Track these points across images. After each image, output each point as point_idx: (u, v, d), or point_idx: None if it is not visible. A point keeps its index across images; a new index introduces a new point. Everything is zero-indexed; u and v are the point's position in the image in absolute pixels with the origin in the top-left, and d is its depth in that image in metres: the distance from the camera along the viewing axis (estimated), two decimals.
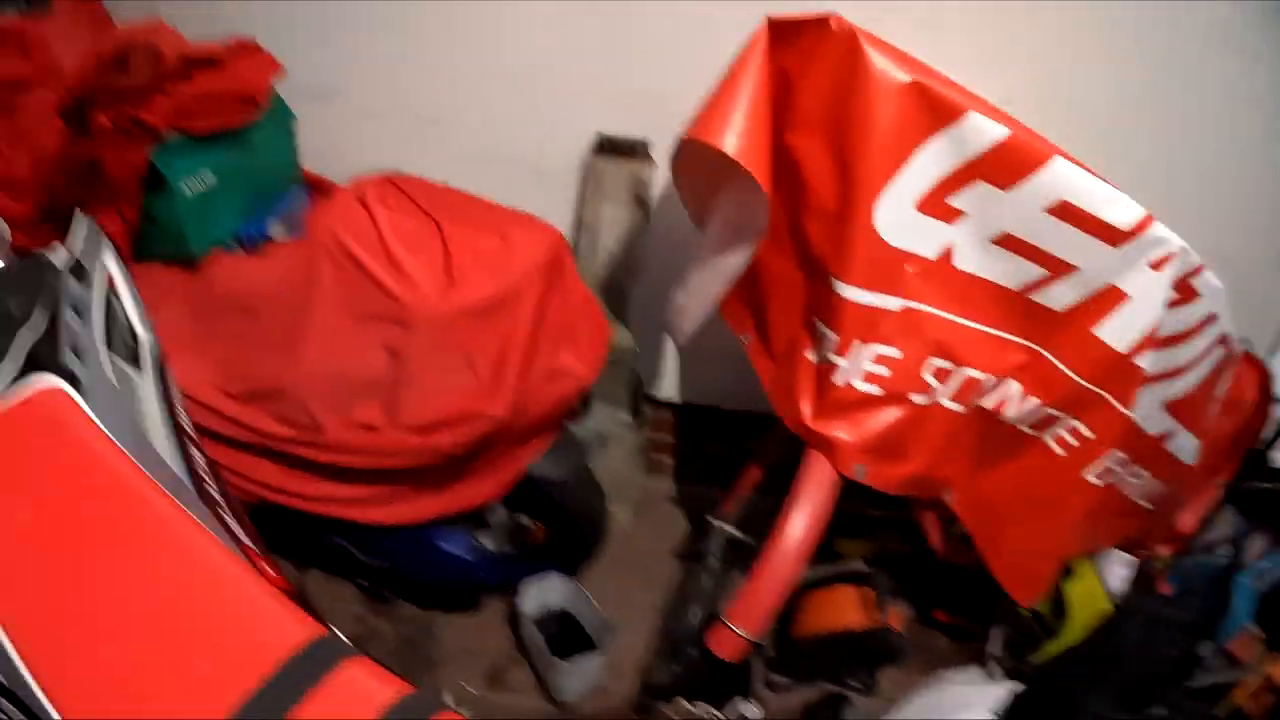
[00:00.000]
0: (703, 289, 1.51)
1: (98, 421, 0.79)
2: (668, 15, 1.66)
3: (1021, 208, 1.26)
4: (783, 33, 1.29)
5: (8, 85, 1.50)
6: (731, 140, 1.25)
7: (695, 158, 1.37)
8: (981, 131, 1.21)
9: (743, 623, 1.36)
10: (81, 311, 0.91)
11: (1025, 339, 1.38)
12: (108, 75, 1.33)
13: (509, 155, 1.86)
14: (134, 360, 1.00)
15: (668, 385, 2.16)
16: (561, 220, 1.71)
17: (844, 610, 1.69)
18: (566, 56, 1.75)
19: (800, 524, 1.36)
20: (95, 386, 0.84)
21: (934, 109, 1.21)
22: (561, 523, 1.77)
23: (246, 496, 1.52)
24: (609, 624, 1.76)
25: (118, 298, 1.01)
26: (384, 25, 1.78)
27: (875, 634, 1.67)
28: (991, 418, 1.42)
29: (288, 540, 1.64)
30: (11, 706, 0.74)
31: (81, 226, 1.00)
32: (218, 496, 1.05)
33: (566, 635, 1.77)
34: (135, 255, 1.55)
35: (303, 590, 1.63)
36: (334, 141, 1.80)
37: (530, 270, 1.48)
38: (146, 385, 1.00)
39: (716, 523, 1.74)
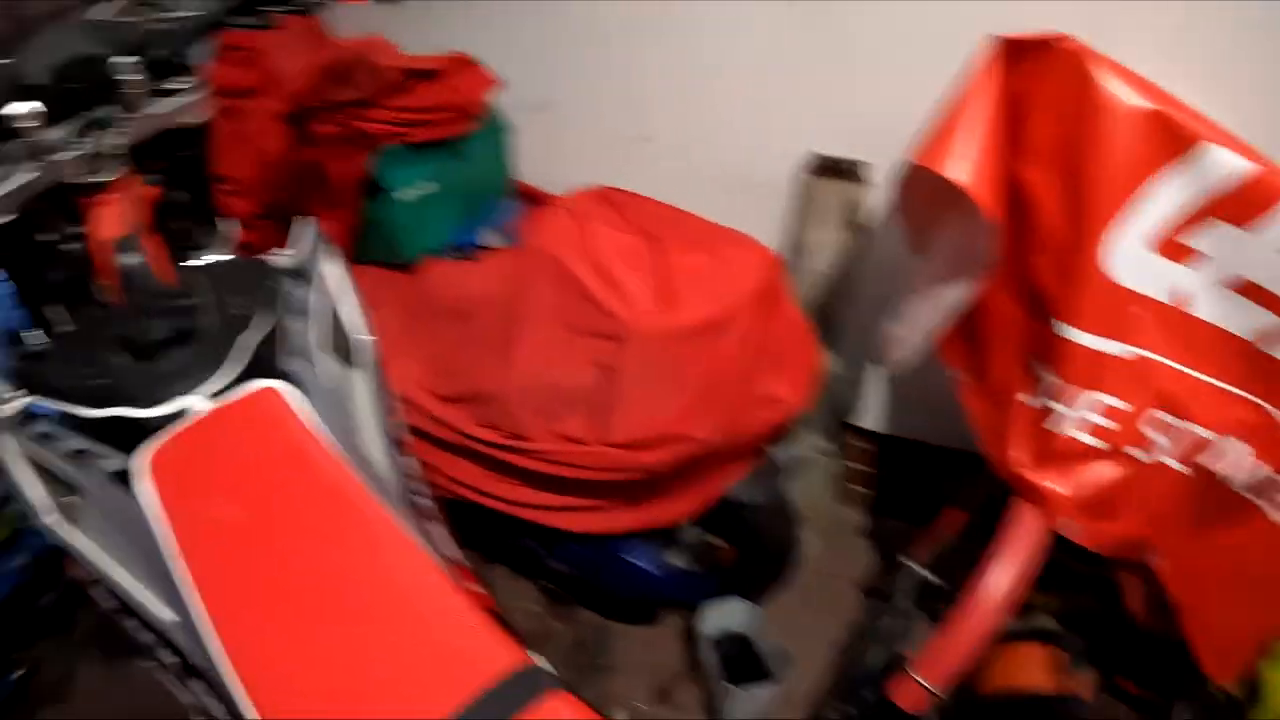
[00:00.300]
0: (919, 320, 1.43)
1: (313, 423, 0.80)
2: (887, 31, 1.57)
3: (1264, 250, 1.12)
4: (1014, 53, 1.20)
5: (235, 93, 1.60)
6: (962, 168, 1.19)
7: (919, 183, 1.29)
8: (1223, 165, 1.08)
9: (929, 674, 1.26)
10: (302, 313, 0.93)
11: (1255, 395, 1.23)
12: (329, 87, 1.40)
13: (719, 172, 1.82)
14: (351, 362, 1.02)
15: (870, 414, 2.03)
16: (769, 240, 1.65)
17: (1031, 670, 1.52)
18: (782, 74, 1.68)
19: (1003, 577, 1.25)
20: (313, 388, 0.86)
21: (1170, 139, 1.10)
22: (751, 546, 1.69)
23: (444, 494, 1.55)
24: (786, 654, 1.69)
25: (337, 300, 1.03)
26: (599, 41, 1.77)
27: (1064, 701, 1.49)
28: (1211, 479, 1.26)
29: (478, 536, 1.66)
30: (209, 693, 0.76)
31: (304, 230, 1.03)
32: (426, 506, 1.06)
33: (742, 660, 1.71)
34: (355, 257, 1.62)
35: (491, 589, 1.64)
36: (547, 154, 1.82)
37: (746, 292, 1.42)
38: (362, 389, 1.01)
39: (908, 563, 1.63)
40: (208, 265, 0.98)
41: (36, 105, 0.83)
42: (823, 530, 2.01)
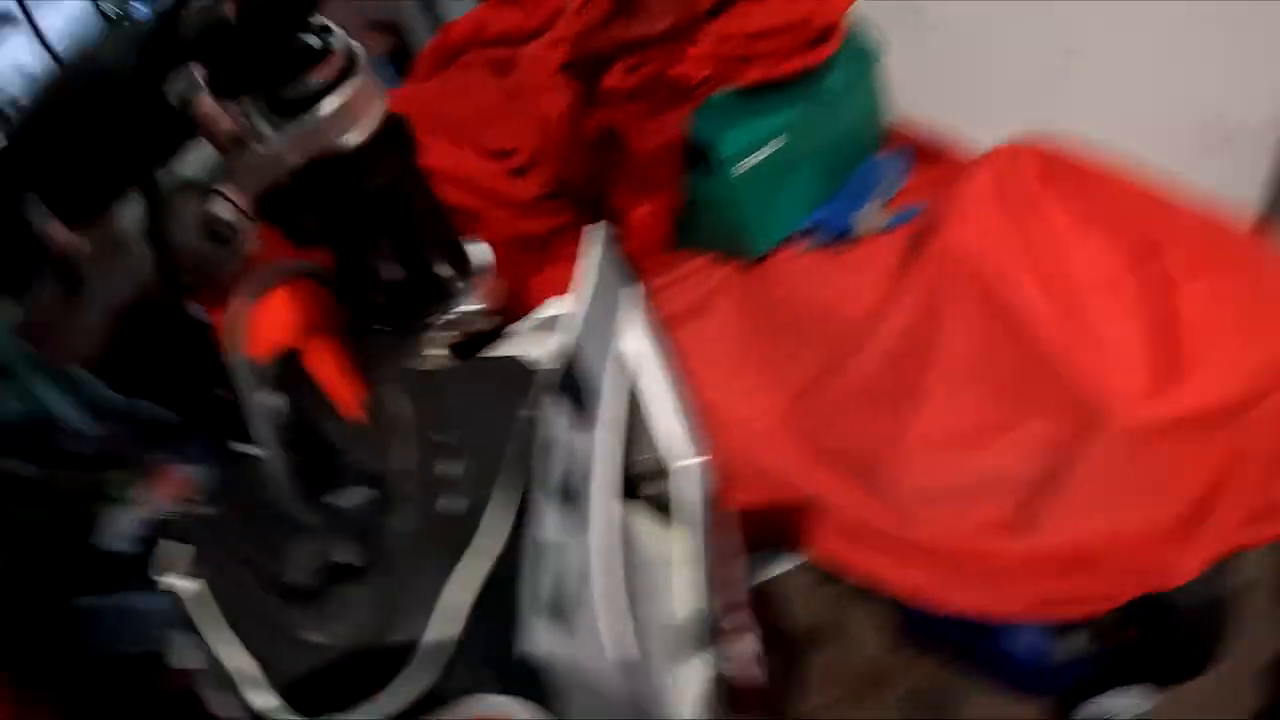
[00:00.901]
0: None
1: None
2: None
3: None
4: None
5: (505, 41, 1.23)
6: None
7: None
8: None
9: None
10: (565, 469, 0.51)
11: None
12: (616, 20, 0.96)
13: (1175, 108, 1.24)
14: (669, 511, 0.59)
15: None
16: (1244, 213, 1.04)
17: None
18: None
19: None
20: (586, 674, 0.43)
21: None
22: (1171, 633, 1.18)
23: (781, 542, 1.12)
24: None
25: (647, 398, 0.61)
26: None
27: None
28: None
29: None
30: None
31: (590, 276, 0.61)
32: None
33: None
34: (679, 242, 1.23)
35: None
36: (927, 85, 1.25)
37: None
38: (683, 565, 0.59)
39: None
40: (419, 380, 0.57)
41: None
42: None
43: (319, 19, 0.52)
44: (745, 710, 0.65)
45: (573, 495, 0.50)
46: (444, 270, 0.77)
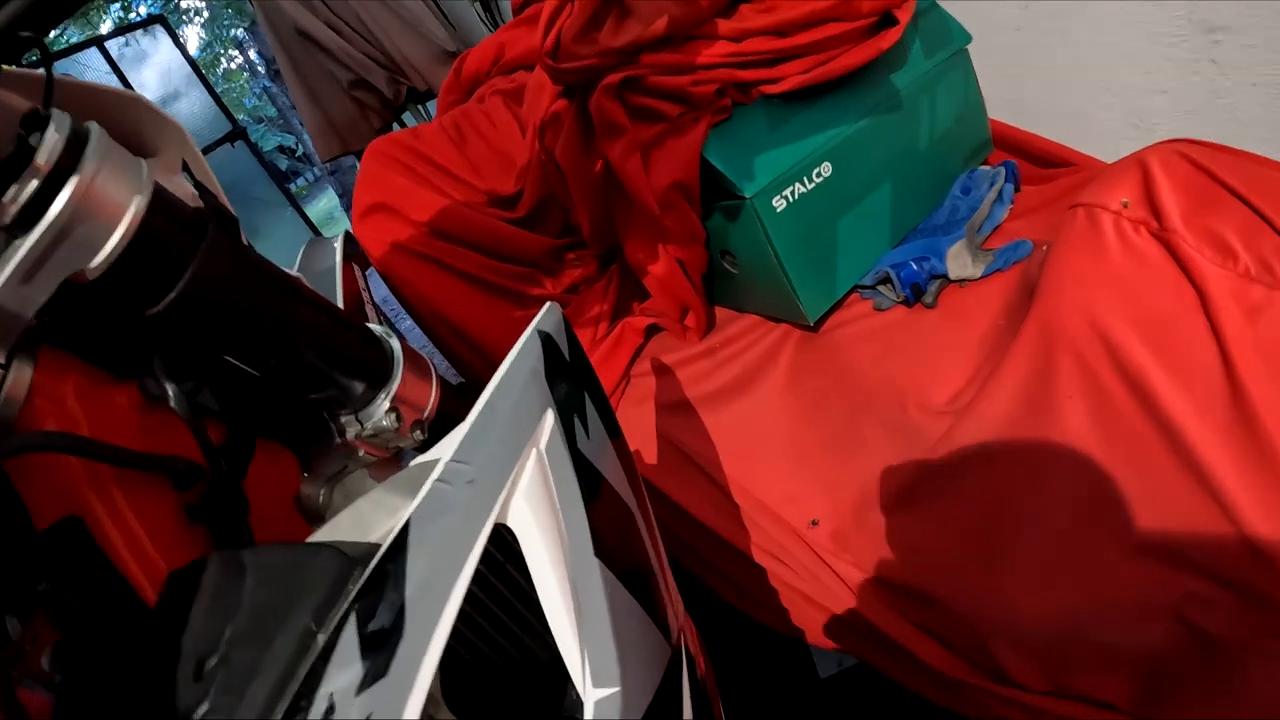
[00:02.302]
0: None
1: None
2: None
3: None
4: None
5: (522, 66, 1.04)
6: None
7: None
8: None
9: None
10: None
11: None
12: (604, 29, 0.73)
13: None
14: None
15: None
16: None
17: None
18: None
19: None
20: None
21: None
22: None
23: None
24: None
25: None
26: None
27: None
28: None
29: None
30: None
31: (486, 404, 0.41)
32: None
33: None
34: (719, 299, 0.99)
35: None
36: (1034, 75, 0.95)
37: None
38: None
39: None
40: (224, 567, 0.39)
41: None
42: None
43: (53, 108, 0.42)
44: None
45: None
46: (338, 381, 0.58)
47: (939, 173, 0.90)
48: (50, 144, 0.40)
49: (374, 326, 0.65)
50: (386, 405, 0.61)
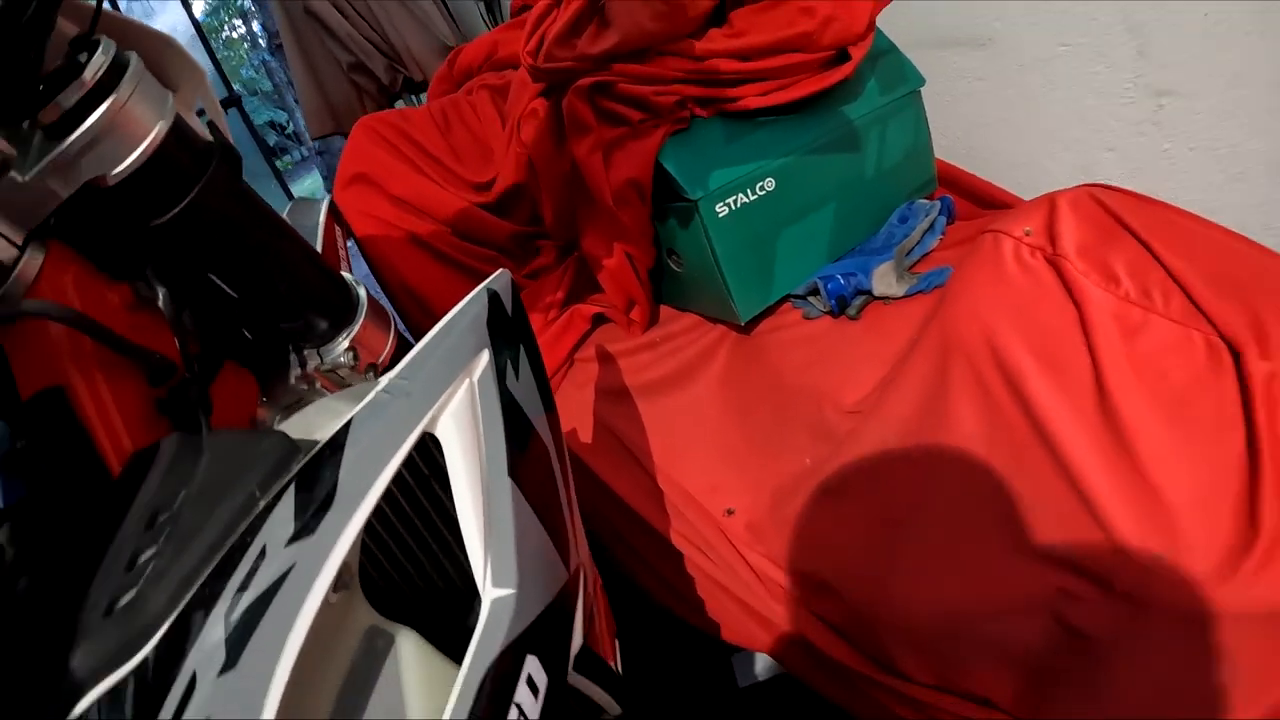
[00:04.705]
0: None
1: None
2: None
3: None
4: None
5: (511, 65, 1.12)
6: None
7: None
8: None
9: None
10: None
11: None
12: (585, 35, 0.80)
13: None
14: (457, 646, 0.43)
15: None
16: None
17: None
18: None
19: None
20: None
21: None
22: None
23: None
24: None
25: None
26: None
27: None
28: None
29: None
30: None
31: (433, 338, 0.47)
32: None
33: None
34: (664, 297, 1.05)
35: None
36: (990, 122, 1.04)
37: None
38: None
39: None
40: (181, 446, 0.46)
41: None
42: None
43: (99, 35, 0.49)
44: None
45: (241, 622, 0.35)
46: (305, 314, 0.65)
47: (882, 202, 0.98)
48: (97, 64, 0.47)
49: (345, 274, 0.71)
50: (346, 345, 0.67)
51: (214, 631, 0.36)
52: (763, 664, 1.23)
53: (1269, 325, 0.61)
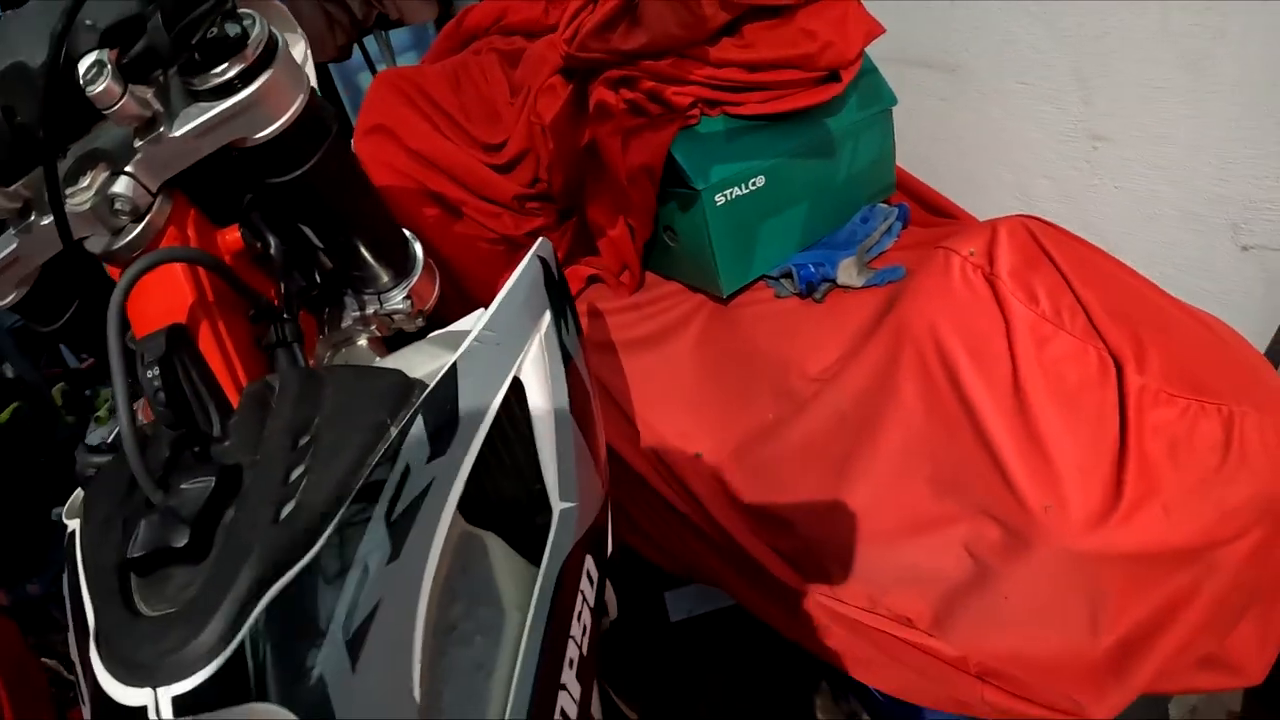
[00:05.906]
0: None
1: None
2: None
3: None
4: None
5: (521, 32, 1.21)
6: None
7: None
8: None
9: None
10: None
11: None
12: (618, 31, 0.91)
13: (1195, 208, 1.12)
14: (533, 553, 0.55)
15: None
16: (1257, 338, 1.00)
17: None
18: None
19: None
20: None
21: None
22: None
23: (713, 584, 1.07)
24: None
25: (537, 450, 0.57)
26: None
27: None
28: None
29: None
30: None
31: (508, 294, 0.58)
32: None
33: None
34: (652, 265, 1.19)
35: None
36: (941, 143, 1.19)
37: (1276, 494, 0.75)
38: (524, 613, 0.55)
39: None
40: (301, 378, 0.53)
41: None
42: None
43: (244, 9, 0.52)
44: None
45: (397, 523, 0.46)
46: (375, 266, 0.75)
47: (848, 202, 1.13)
48: (257, 41, 0.54)
49: (406, 230, 0.82)
50: (405, 294, 0.78)
51: (378, 530, 0.43)
52: (694, 599, 1.42)
53: (1148, 348, 0.80)
